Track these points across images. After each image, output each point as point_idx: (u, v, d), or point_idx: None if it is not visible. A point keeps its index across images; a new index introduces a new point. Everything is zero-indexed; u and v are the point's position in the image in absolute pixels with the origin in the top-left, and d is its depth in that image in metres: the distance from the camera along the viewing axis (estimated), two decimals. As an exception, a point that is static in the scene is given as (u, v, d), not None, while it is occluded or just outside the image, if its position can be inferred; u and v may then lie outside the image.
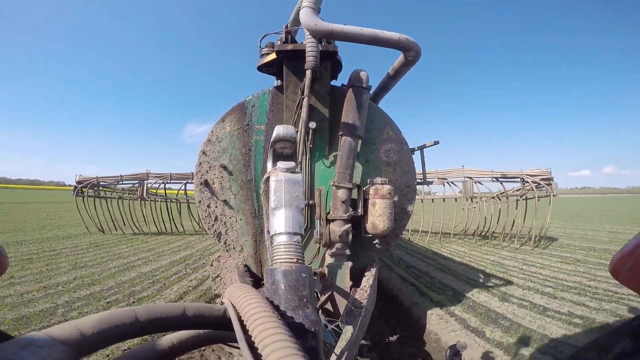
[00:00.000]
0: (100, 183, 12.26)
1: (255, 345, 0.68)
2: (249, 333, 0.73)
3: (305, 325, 0.86)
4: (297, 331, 0.84)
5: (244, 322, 0.78)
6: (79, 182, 12.27)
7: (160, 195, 12.92)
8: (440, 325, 4.30)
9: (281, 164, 1.11)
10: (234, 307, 0.87)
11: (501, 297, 5.33)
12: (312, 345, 0.85)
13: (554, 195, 9.36)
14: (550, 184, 9.50)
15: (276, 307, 0.90)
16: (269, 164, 1.21)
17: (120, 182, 12.35)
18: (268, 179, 1.13)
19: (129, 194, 12.68)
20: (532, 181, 9.86)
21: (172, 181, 12.11)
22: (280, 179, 1.08)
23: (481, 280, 6.43)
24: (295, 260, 0.98)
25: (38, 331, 0.57)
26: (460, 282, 6.25)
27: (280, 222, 1.04)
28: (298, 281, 0.92)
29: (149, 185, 12.24)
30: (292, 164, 1.12)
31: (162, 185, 12.50)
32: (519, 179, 10.11)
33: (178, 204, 12.89)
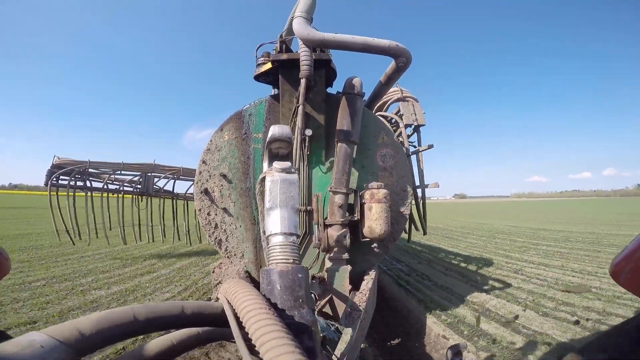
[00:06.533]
0: (90, 170, 8.99)
1: (253, 342, 0.69)
2: (246, 330, 0.74)
3: (301, 325, 0.87)
4: (294, 331, 0.82)
5: (240, 319, 0.78)
6: (57, 166, 8.42)
7: (167, 192, 10.39)
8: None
9: (277, 164, 1.10)
10: (229, 303, 0.87)
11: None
12: (308, 345, 0.86)
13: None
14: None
15: (273, 306, 0.89)
16: (265, 164, 1.20)
17: (119, 172, 9.39)
18: (264, 179, 1.12)
19: (128, 186, 9.68)
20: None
21: (182, 177, 9.79)
22: (275, 179, 1.07)
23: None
24: (291, 260, 0.98)
25: (38, 331, 0.58)
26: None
27: (276, 222, 1.04)
28: (294, 282, 0.93)
29: (156, 180, 9.73)
30: (287, 164, 1.11)
31: (171, 182, 9.94)
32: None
33: (186, 202, 10.51)
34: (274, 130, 1.14)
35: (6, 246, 10.25)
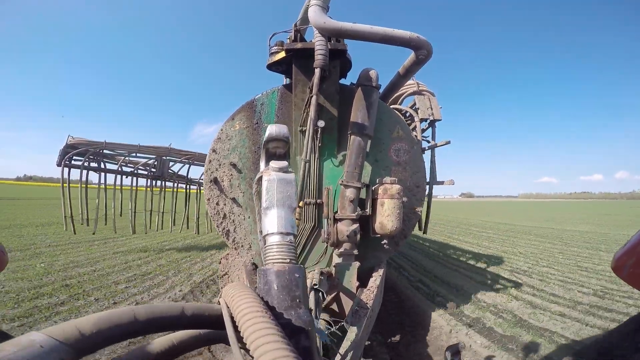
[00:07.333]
0: (105, 151, 8.28)
1: (247, 346, 0.68)
2: (241, 333, 0.72)
3: (298, 325, 0.86)
4: (290, 331, 0.83)
5: (237, 322, 0.77)
6: (71, 146, 7.76)
7: (181, 176, 10.03)
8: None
9: (273, 164, 1.10)
10: (228, 306, 0.86)
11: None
12: (305, 345, 0.85)
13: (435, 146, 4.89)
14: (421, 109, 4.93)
15: (271, 308, 0.89)
16: (262, 164, 1.20)
17: (134, 155, 8.84)
18: (260, 178, 1.12)
19: (143, 169, 9.26)
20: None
21: (197, 162, 9.44)
22: (272, 178, 1.07)
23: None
24: (288, 260, 0.97)
25: (38, 331, 0.58)
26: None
27: (273, 222, 1.04)
28: (291, 281, 0.92)
29: (171, 164, 9.45)
30: (284, 163, 1.11)
31: (185, 167, 9.73)
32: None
33: (198, 188, 10.16)
34: (271, 129, 1.13)
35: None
